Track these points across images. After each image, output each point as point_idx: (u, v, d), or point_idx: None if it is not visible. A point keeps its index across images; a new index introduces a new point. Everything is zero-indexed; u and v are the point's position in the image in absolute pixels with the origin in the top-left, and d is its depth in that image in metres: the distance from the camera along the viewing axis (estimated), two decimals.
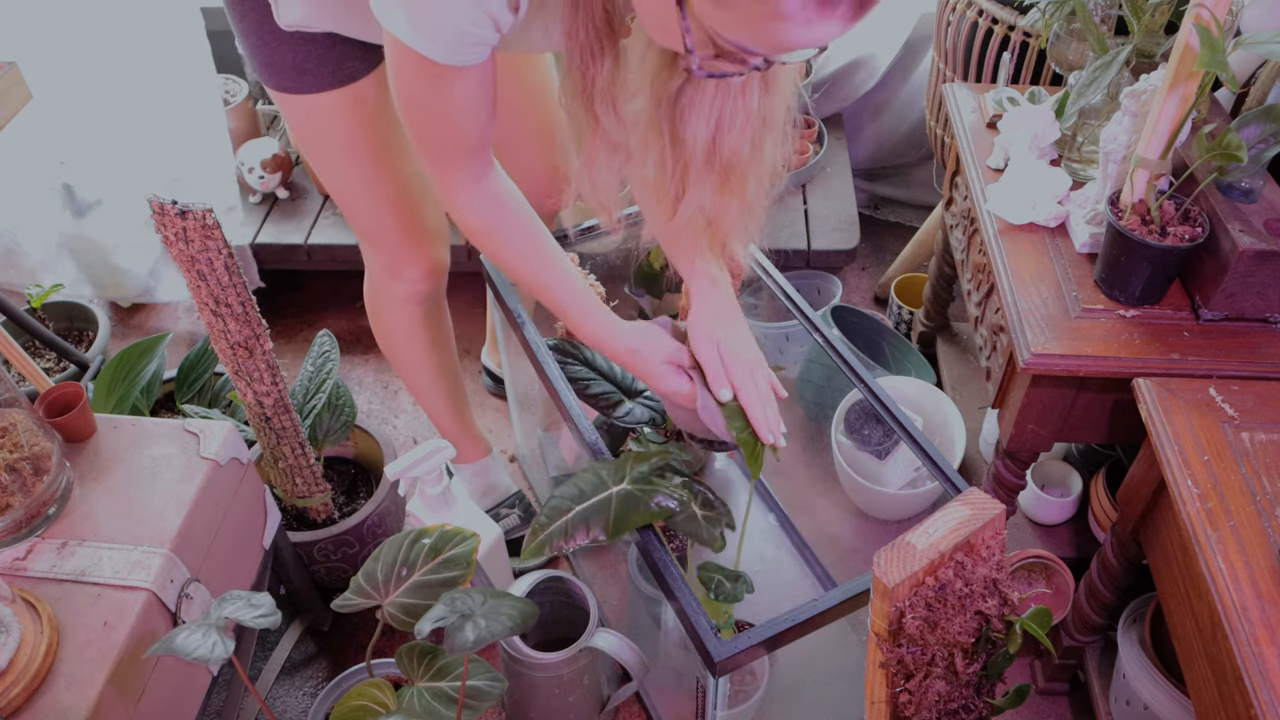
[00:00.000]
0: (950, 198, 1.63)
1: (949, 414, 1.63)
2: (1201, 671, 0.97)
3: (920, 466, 1.49)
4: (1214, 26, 0.99)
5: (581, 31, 0.84)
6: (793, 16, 0.66)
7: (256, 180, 2.02)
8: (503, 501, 1.70)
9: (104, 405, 1.54)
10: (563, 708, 1.32)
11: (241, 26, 1.14)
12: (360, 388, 2.02)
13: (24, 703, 0.96)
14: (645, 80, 0.84)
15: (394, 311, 1.44)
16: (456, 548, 1.00)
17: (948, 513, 0.89)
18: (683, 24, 0.73)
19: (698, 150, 0.87)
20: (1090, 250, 1.26)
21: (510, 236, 1.06)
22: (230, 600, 0.95)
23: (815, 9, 0.66)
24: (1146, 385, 1.09)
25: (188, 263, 1.16)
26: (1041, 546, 1.50)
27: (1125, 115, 1.18)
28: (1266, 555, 0.92)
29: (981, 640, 0.91)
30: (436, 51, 0.87)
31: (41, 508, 1.10)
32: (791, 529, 1.60)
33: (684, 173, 0.90)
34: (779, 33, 0.68)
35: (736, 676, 1.33)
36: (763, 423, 1.04)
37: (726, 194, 0.91)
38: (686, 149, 0.87)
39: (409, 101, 0.95)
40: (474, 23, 0.86)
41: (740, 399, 1.04)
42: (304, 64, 1.13)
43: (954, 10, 1.71)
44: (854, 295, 2.23)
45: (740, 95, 0.85)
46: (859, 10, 0.68)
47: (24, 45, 1.82)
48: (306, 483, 1.46)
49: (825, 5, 0.66)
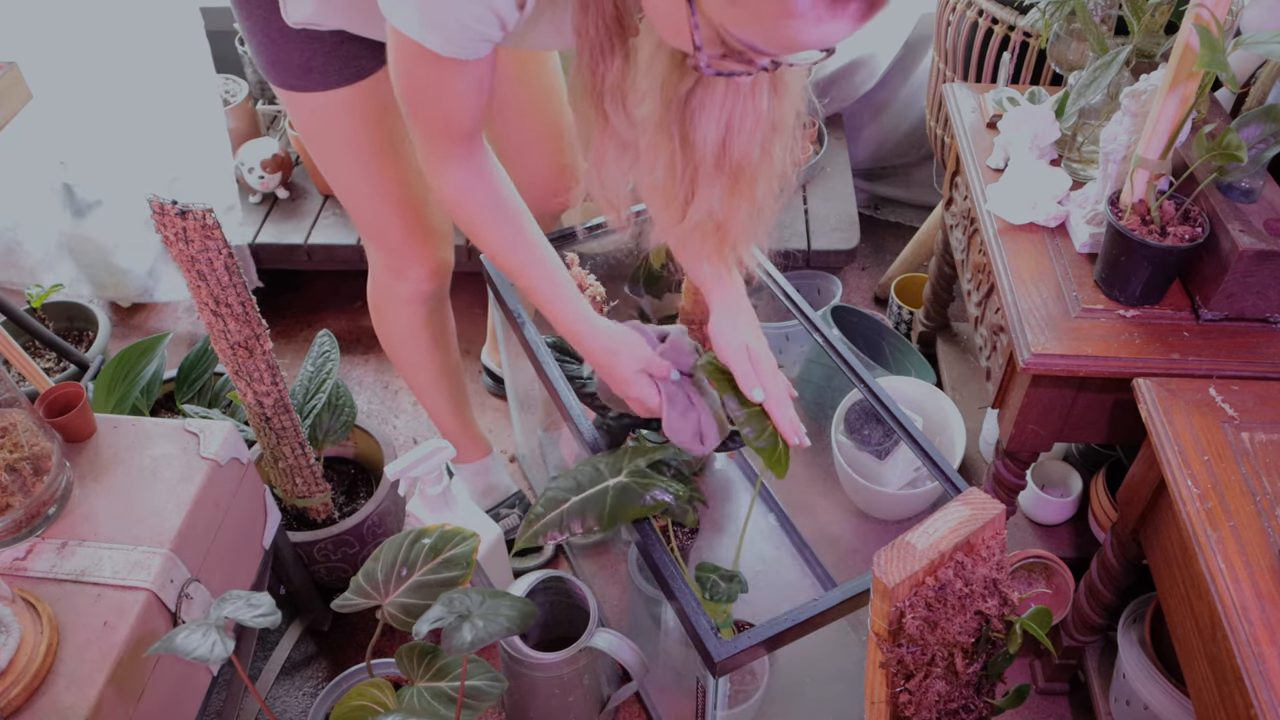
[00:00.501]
0: (950, 198, 1.63)
1: (949, 414, 1.63)
2: (1201, 671, 0.97)
3: (920, 466, 1.49)
4: (1214, 26, 0.99)
5: (592, 29, 0.84)
6: (803, 15, 0.66)
7: (256, 180, 2.02)
8: (503, 501, 1.70)
9: (104, 405, 1.54)
10: (563, 708, 1.32)
11: (248, 24, 1.14)
12: (360, 388, 2.02)
13: (24, 703, 0.96)
14: (655, 82, 0.84)
15: (397, 311, 1.44)
16: (456, 548, 1.00)
17: (948, 513, 0.89)
18: (692, 20, 0.73)
19: (707, 153, 0.87)
20: (1090, 250, 1.26)
21: (494, 216, 1.06)
22: (230, 600, 0.95)
23: (826, 7, 0.66)
24: (1146, 385, 1.09)
25: (188, 263, 1.16)
26: (1041, 546, 1.50)
27: (1125, 115, 1.18)
28: (1266, 555, 0.92)
29: (981, 640, 0.91)
30: (441, 45, 0.88)
31: (41, 508, 1.10)
32: (791, 529, 1.60)
33: (693, 176, 0.90)
34: (789, 31, 0.68)
35: (736, 676, 1.33)
36: (789, 426, 1.06)
37: (736, 197, 0.91)
38: (696, 152, 0.87)
39: (409, 85, 0.95)
40: (479, 20, 0.86)
41: (768, 404, 1.06)
42: (310, 62, 1.13)
43: (954, 10, 1.71)
44: (854, 295, 2.23)
45: (750, 98, 0.84)
46: (869, 10, 0.68)
47: (24, 45, 1.82)
48: (306, 483, 1.46)
49: (836, 4, 0.66)
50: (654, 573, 1.03)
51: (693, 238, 0.98)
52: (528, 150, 1.40)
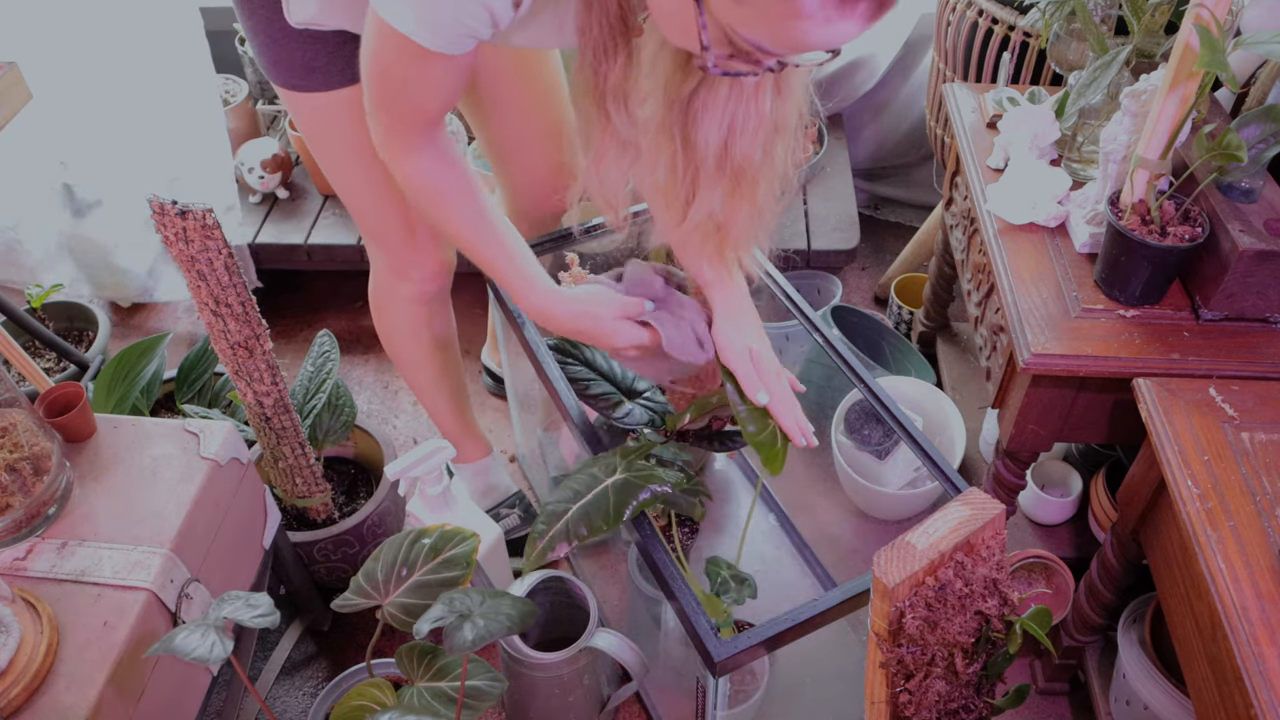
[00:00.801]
0: (950, 198, 1.63)
1: (949, 414, 1.63)
2: (1201, 671, 0.97)
3: (920, 466, 1.49)
4: (1214, 26, 0.99)
5: (595, 28, 0.84)
6: (812, 15, 0.66)
7: (256, 180, 2.02)
8: (503, 501, 1.70)
9: (104, 405, 1.54)
10: (563, 708, 1.32)
11: (250, 24, 1.14)
12: (360, 388, 2.02)
13: (24, 703, 0.96)
14: (657, 83, 0.84)
15: (398, 310, 1.44)
16: (456, 548, 1.00)
17: (948, 513, 0.89)
18: (700, 20, 0.72)
19: (709, 154, 0.86)
20: (1090, 250, 1.26)
21: (457, 200, 1.05)
22: (230, 600, 0.95)
23: (835, 8, 0.66)
24: (1146, 385, 1.09)
25: (188, 263, 1.16)
26: (1041, 546, 1.50)
27: (1125, 115, 1.18)
28: (1266, 555, 0.92)
29: (981, 640, 0.91)
30: (429, 40, 0.88)
31: (41, 508, 1.10)
32: (791, 529, 1.60)
33: (695, 177, 0.90)
34: (797, 31, 0.68)
35: (736, 676, 1.33)
36: (794, 426, 1.06)
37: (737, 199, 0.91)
38: (698, 153, 0.87)
39: (386, 76, 0.94)
40: (473, 16, 0.87)
41: (773, 407, 1.06)
42: (313, 62, 1.13)
43: (954, 10, 1.71)
44: (854, 295, 2.23)
45: (753, 99, 0.84)
46: (878, 11, 0.68)
47: (24, 45, 1.82)
48: (306, 483, 1.46)
49: (845, 4, 0.66)
50: (654, 573, 1.03)
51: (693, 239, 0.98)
52: (527, 149, 1.40)
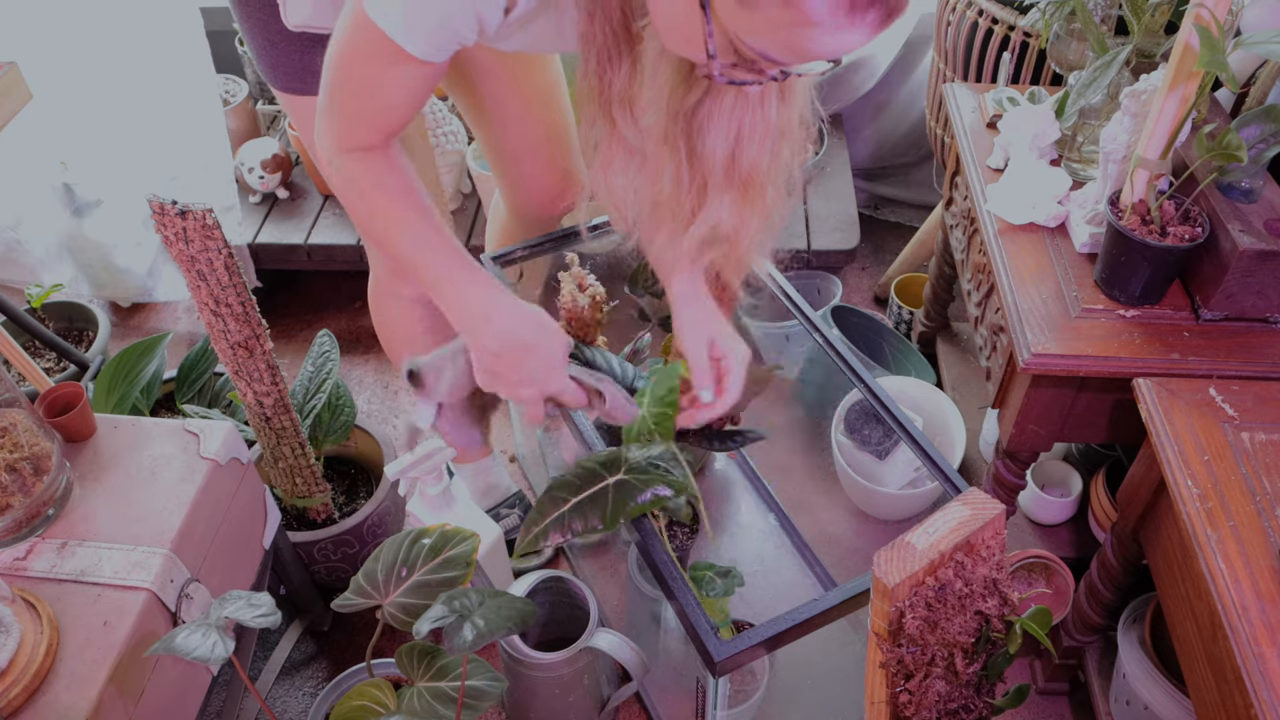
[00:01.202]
0: (950, 198, 1.63)
1: (949, 414, 1.63)
2: (1201, 671, 0.97)
3: (920, 466, 1.49)
4: (1214, 26, 0.99)
5: (599, 35, 0.83)
6: (820, 23, 0.65)
7: (256, 180, 2.02)
8: (503, 501, 1.70)
9: (104, 405, 1.54)
10: (563, 708, 1.32)
11: (248, 26, 1.14)
12: (360, 388, 2.02)
13: (24, 703, 0.96)
14: (659, 94, 0.83)
15: (398, 311, 1.44)
16: (456, 548, 1.00)
17: (948, 513, 0.89)
18: (706, 28, 0.71)
19: (717, 165, 0.85)
20: (1090, 250, 1.26)
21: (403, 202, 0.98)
22: (230, 600, 0.95)
23: (844, 15, 0.65)
24: (1146, 385, 1.09)
25: (188, 263, 1.16)
26: (1041, 546, 1.50)
27: (1125, 115, 1.18)
28: (1266, 555, 0.92)
29: (981, 640, 0.91)
30: (412, 43, 0.86)
31: (41, 508, 1.10)
32: (791, 529, 1.60)
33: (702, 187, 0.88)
34: (805, 39, 0.67)
35: (736, 676, 1.33)
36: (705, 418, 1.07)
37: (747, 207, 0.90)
38: (705, 164, 0.86)
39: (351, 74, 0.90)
40: (461, 21, 0.85)
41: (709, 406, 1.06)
42: (310, 64, 1.13)
43: (954, 10, 1.71)
44: (854, 295, 2.23)
45: (759, 107, 0.83)
46: (886, 19, 0.67)
47: (24, 45, 1.82)
48: (306, 483, 1.46)
49: (854, 12, 0.65)
50: (654, 572, 1.03)
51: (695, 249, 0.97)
52: (529, 154, 1.39)
